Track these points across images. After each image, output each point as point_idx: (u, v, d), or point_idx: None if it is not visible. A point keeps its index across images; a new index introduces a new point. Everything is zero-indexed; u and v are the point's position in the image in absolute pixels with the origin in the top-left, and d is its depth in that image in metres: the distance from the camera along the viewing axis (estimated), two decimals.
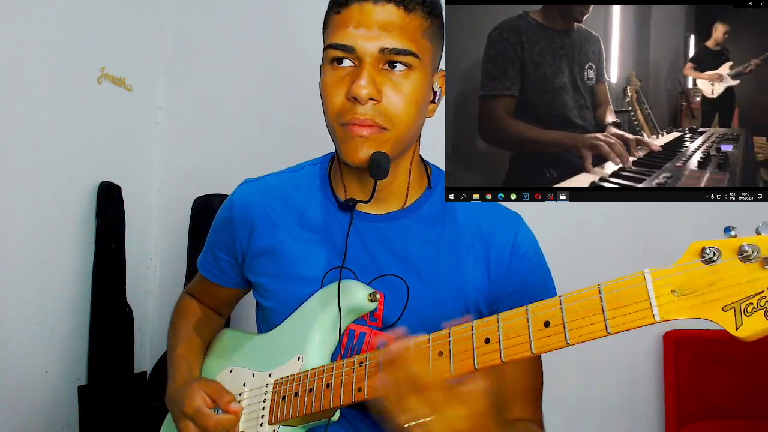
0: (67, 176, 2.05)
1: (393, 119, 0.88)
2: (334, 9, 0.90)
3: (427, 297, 0.96)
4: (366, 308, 0.94)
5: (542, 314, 0.69)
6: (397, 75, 0.87)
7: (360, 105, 0.86)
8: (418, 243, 0.97)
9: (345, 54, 0.87)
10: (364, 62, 0.86)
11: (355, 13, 0.86)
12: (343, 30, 0.87)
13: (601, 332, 0.65)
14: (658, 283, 0.63)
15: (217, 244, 1.11)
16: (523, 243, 0.98)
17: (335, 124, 0.90)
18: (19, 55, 1.85)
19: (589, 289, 0.67)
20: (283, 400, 0.93)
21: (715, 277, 0.60)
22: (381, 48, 0.85)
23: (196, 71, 2.49)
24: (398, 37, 0.86)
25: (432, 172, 1.03)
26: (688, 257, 0.63)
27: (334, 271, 0.97)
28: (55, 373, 2.01)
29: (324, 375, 0.88)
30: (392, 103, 0.87)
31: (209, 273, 1.14)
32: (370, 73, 0.86)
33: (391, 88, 0.87)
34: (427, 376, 0.73)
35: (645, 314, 0.63)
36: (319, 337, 0.95)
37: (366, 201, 0.95)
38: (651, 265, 0.66)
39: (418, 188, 1.00)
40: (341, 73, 0.88)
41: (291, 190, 1.04)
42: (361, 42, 0.85)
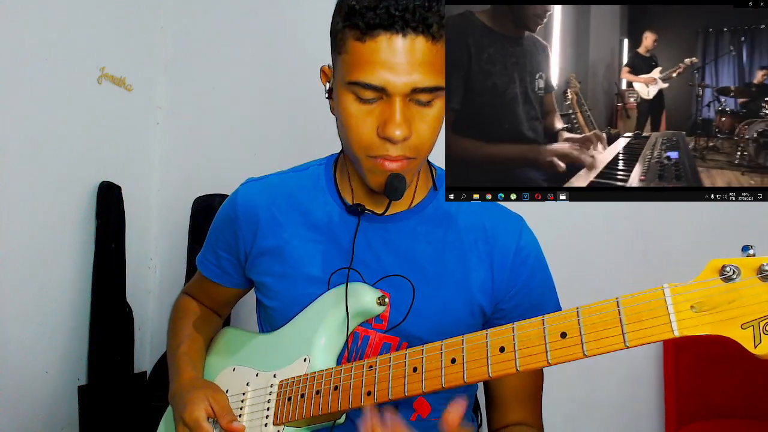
0: (67, 176, 2.05)
1: (420, 149, 0.88)
2: (356, 34, 0.83)
3: (433, 297, 0.96)
4: (374, 311, 0.93)
5: (559, 325, 0.70)
6: (425, 107, 0.85)
7: (392, 144, 0.85)
8: (423, 244, 0.98)
9: (375, 94, 0.84)
10: (393, 99, 0.83)
11: (383, 48, 0.81)
12: (371, 68, 0.82)
13: (619, 345, 0.65)
14: (678, 298, 0.64)
15: (218, 243, 1.10)
16: (526, 245, 0.99)
17: (362, 156, 0.88)
18: (19, 55, 1.85)
19: (607, 302, 0.67)
20: (288, 401, 0.92)
21: (735, 294, 0.61)
22: (413, 88, 0.82)
23: (196, 71, 2.49)
24: (428, 73, 0.82)
25: (437, 173, 1.04)
26: (707, 274, 0.63)
27: (340, 272, 0.97)
28: (55, 373, 2.01)
29: (332, 377, 0.88)
30: (421, 136, 0.86)
31: (210, 272, 1.13)
32: (402, 113, 0.83)
33: (421, 121, 0.86)
34: None
35: (664, 329, 0.63)
36: (325, 338, 0.95)
37: (380, 214, 0.96)
38: (651, 264, 0.67)
39: (423, 189, 1.01)
40: (368, 106, 0.85)
41: (296, 190, 1.03)
42: (393, 82, 0.82)
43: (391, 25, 0.80)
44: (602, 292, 2.42)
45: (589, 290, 2.14)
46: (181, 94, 2.49)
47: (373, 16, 0.80)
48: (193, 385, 0.99)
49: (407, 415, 0.98)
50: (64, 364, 2.04)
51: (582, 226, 2.16)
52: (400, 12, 0.79)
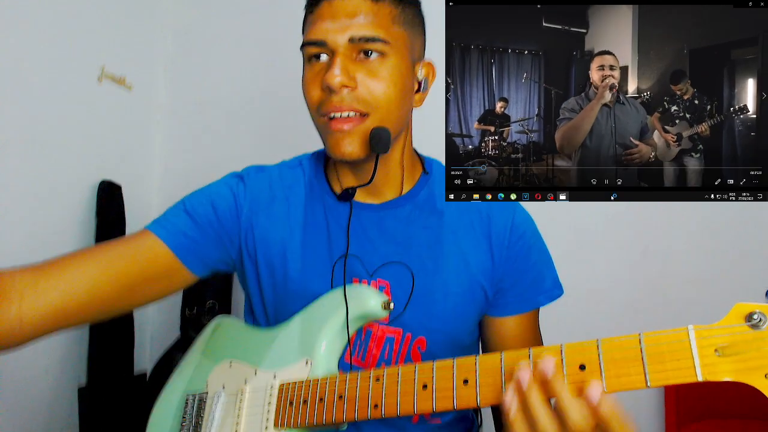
0: (67, 175, 2.05)
1: (372, 103, 0.89)
2: (308, 9, 0.93)
3: (433, 282, 0.96)
4: (378, 315, 0.92)
5: (578, 357, 0.67)
6: (372, 62, 0.89)
7: (335, 94, 0.88)
8: (419, 229, 0.98)
9: (319, 49, 0.90)
10: (336, 53, 0.88)
11: (325, 9, 0.90)
12: (315, 26, 0.90)
13: (641, 384, 0.64)
14: (702, 343, 0.62)
15: (203, 220, 0.98)
16: (522, 222, 1.01)
17: (317, 117, 0.92)
18: (19, 54, 1.85)
19: (629, 338, 0.65)
20: (290, 405, 0.90)
21: (761, 343, 0.60)
22: (350, 37, 0.88)
23: (196, 71, 2.49)
24: (367, 25, 0.88)
25: (425, 160, 1.05)
26: (733, 319, 0.62)
27: (340, 262, 0.97)
28: (55, 373, 2.01)
29: (336, 386, 0.85)
30: (369, 88, 0.89)
31: (177, 243, 0.96)
32: (342, 62, 0.88)
33: (366, 74, 0.89)
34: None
35: (688, 372, 0.62)
36: (328, 341, 0.93)
37: (366, 183, 0.95)
38: (651, 264, 0.67)
39: (412, 176, 1.02)
40: (317, 67, 0.91)
41: (293, 184, 1.04)
42: (332, 35, 0.88)
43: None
44: (602, 293, 2.43)
45: (589, 290, 2.15)
46: (181, 93, 2.49)
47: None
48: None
49: (409, 417, 0.97)
50: (64, 364, 2.04)
51: (582, 226, 2.16)
52: None
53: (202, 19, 2.50)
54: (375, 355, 0.96)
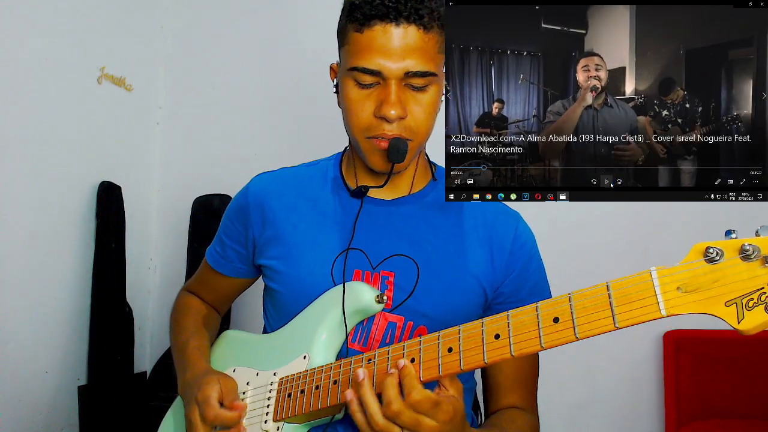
0: (67, 176, 2.05)
1: (416, 131, 0.95)
2: (355, 26, 0.92)
3: (436, 276, 0.99)
4: (373, 309, 0.96)
5: (551, 311, 0.72)
6: (421, 93, 0.93)
7: (387, 122, 0.92)
8: (424, 226, 1.02)
9: (373, 78, 0.92)
10: (389, 82, 0.91)
11: (378, 36, 0.90)
12: (368, 54, 0.91)
13: (609, 326, 0.68)
14: (664, 280, 0.66)
15: (227, 231, 1.13)
16: (523, 234, 1.04)
17: (360, 137, 0.96)
18: (20, 55, 1.86)
19: (597, 287, 0.70)
20: (288, 397, 0.94)
21: (718, 274, 0.64)
22: (405, 72, 0.91)
23: (196, 71, 2.49)
24: (420, 58, 0.91)
25: (436, 168, 1.09)
26: (692, 256, 0.66)
27: (343, 255, 1.00)
28: (55, 373, 2.01)
29: (331, 372, 0.89)
30: (416, 119, 0.94)
31: (214, 260, 1.16)
32: (396, 93, 0.91)
33: (415, 104, 0.93)
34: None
35: (652, 309, 0.66)
36: (325, 336, 0.96)
37: (380, 186, 1.00)
38: (651, 264, 0.69)
39: (423, 179, 1.06)
40: (367, 90, 0.94)
41: (306, 180, 1.08)
42: (387, 66, 0.90)
43: (386, 15, 0.89)
44: None
45: None
46: (181, 94, 2.49)
47: (370, 8, 0.90)
48: (206, 372, 1.03)
49: None
50: (64, 364, 2.04)
51: (582, 226, 2.16)
52: (393, 3, 0.89)
53: (202, 19, 2.50)
54: (377, 339, 0.99)
